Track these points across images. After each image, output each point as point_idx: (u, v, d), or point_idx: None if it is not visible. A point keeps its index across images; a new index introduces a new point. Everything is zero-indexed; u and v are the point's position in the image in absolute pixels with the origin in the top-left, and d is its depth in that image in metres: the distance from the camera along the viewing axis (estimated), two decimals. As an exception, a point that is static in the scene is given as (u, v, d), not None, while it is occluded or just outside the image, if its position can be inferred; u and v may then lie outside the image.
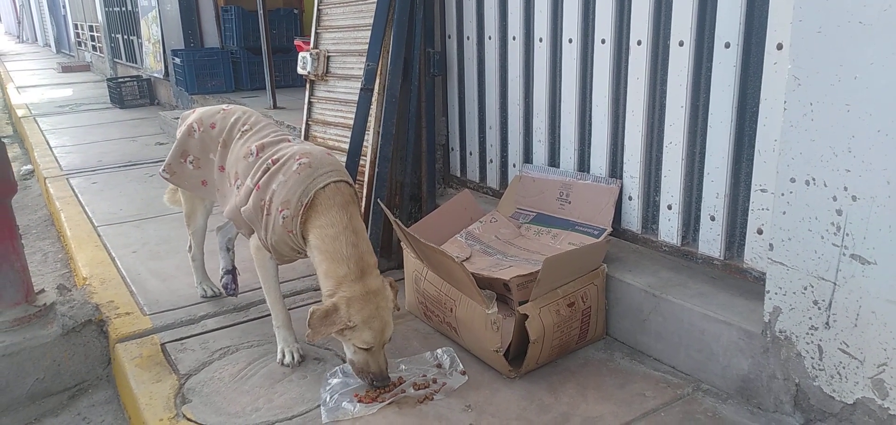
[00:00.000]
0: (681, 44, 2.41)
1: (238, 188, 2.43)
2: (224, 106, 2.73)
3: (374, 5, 3.24)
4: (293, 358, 2.41)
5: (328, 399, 2.16)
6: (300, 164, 2.24)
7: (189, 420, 2.14)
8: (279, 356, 2.43)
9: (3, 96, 11.49)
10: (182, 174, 2.70)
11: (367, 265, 2.17)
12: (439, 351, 2.43)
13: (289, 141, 2.47)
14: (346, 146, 3.35)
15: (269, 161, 2.32)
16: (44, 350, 2.60)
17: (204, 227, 2.89)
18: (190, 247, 2.93)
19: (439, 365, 2.37)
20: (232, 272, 2.96)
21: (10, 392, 2.55)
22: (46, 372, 2.62)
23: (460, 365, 2.35)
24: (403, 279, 2.89)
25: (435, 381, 2.26)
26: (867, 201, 1.73)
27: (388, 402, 2.14)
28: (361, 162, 3.34)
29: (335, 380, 2.25)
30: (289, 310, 2.52)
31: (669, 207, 2.59)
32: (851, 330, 1.83)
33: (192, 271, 2.99)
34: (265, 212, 2.28)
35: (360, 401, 2.14)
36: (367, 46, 3.28)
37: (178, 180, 2.73)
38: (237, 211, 2.39)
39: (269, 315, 2.51)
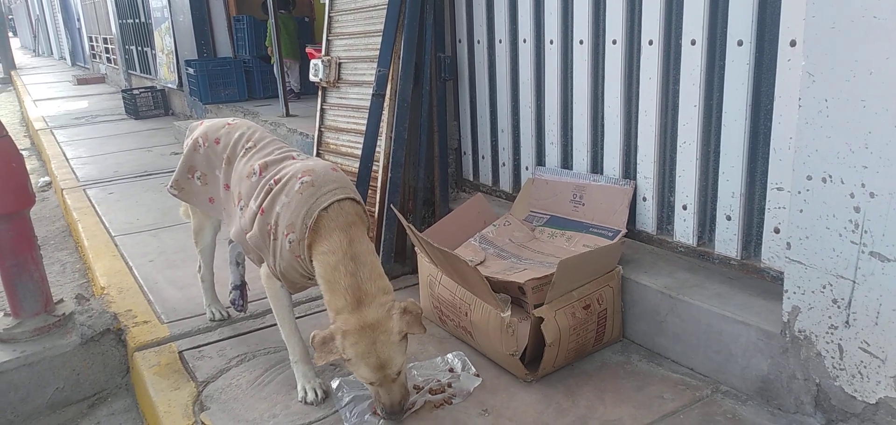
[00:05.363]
0: (693, 42, 2.39)
1: (242, 210, 2.33)
2: (229, 120, 2.63)
3: (385, 11, 3.26)
4: (317, 395, 2.25)
5: (348, 414, 2.14)
6: (302, 184, 2.13)
7: (207, 427, 2.16)
8: (300, 394, 2.26)
9: (20, 109, 11.66)
10: (190, 190, 2.62)
11: (365, 294, 2.02)
12: (450, 355, 2.44)
13: (293, 157, 2.36)
14: (359, 152, 3.37)
15: (272, 181, 2.22)
16: (63, 359, 2.64)
17: (212, 245, 2.80)
18: (199, 267, 2.84)
19: (451, 370, 2.38)
20: (240, 287, 2.88)
21: (30, 401, 2.58)
22: (66, 382, 2.65)
23: (473, 367, 2.35)
24: (418, 284, 2.89)
25: (450, 385, 2.26)
26: (886, 197, 1.71)
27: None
28: (374, 167, 3.35)
29: (347, 397, 2.21)
30: (305, 315, 2.51)
31: (684, 207, 2.57)
32: (872, 329, 1.80)
33: (202, 293, 2.90)
34: (271, 237, 2.17)
35: (374, 414, 2.13)
36: (378, 52, 3.29)
37: (187, 197, 2.64)
38: (243, 236, 2.29)
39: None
